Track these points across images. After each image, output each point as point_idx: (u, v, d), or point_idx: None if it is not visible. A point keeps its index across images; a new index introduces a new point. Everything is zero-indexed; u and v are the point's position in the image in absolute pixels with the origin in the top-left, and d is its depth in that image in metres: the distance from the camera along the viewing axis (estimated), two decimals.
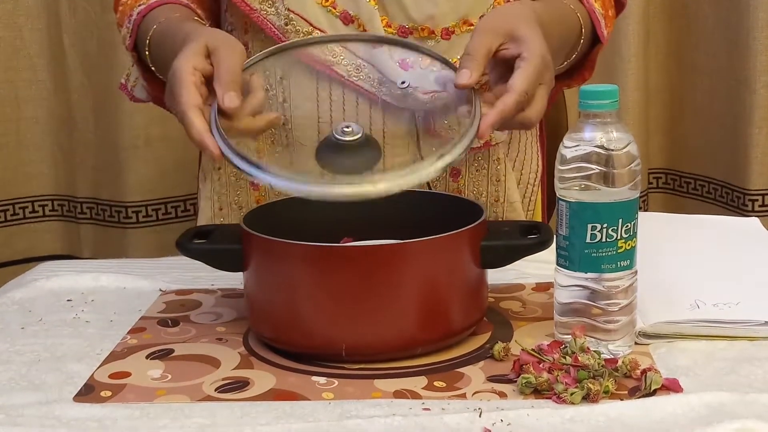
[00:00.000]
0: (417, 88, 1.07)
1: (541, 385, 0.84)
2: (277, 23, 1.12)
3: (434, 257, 0.91)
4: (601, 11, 1.19)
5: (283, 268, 0.92)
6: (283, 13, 1.11)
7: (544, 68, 0.95)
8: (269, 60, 1.12)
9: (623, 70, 1.98)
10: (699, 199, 2.07)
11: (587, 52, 1.20)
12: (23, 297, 1.12)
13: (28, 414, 0.83)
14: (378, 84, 1.12)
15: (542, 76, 0.95)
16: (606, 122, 0.88)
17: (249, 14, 1.12)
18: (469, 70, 0.92)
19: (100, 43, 1.95)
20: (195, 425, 0.80)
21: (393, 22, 1.12)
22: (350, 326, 0.91)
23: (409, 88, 0.96)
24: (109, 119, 1.98)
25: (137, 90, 1.23)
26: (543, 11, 1.04)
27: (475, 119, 0.91)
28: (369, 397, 0.85)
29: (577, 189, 0.89)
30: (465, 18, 1.13)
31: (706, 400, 0.81)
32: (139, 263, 1.26)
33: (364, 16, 1.11)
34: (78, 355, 0.95)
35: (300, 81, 1.14)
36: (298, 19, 1.11)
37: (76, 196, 2.05)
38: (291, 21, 1.11)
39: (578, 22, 1.15)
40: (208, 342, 0.98)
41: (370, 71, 1.11)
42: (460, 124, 0.91)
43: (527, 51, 0.94)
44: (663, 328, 0.94)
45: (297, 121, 1.15)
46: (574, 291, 0.90)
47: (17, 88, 1.99)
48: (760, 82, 1.89)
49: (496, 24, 0.96)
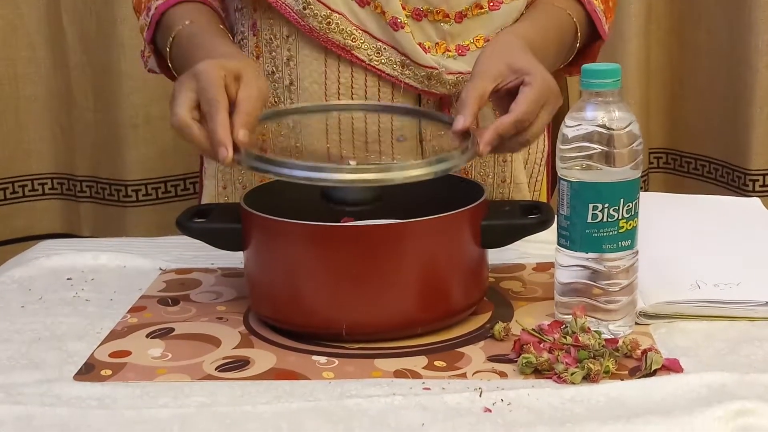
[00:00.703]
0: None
1: (541, 365, 0.84)
2: (295, 8, 1.11)
3: (435, 237, 0.91)
4: (601, 6, 1.20)
5: (284, 248, 0.92)
6: None
7: (547, 91, 0.97)
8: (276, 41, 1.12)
9: (625, 49, 1.98)
10: (700, 179, 2.06)
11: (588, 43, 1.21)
12: (23, 275, 1.12)
13: (28, 393, 0.83)
14: (401, 67, 1.12)
15: (545, 98, 0.97)
16: (608, 101, 0.88)
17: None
18: (463, 116, 0.95)
19: (99, 20, 1.94)
20: (195, 404, 0.81)
21: (408, 5, 1.12)
22: (350, 306, 0.91)
23: (402, 138, 0.99)
24: (109, 97, 1.97)
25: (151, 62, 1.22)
26: (534, 34, 1.07)
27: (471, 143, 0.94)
28: (369, 376, 0.85)
29: (578, 168, 0.88)
30: (477, 2, 1.13)
31: (706, 380, 0.81)
32: (139, 242, 1.26)
33: None
34: (78, 333, 0.95)
35: (307, 63, 1.13)
36: (315, 3, 1.10)
37: (76, 175, 2.05)
38: (309, 5, 1.10)
39: (573, 26, 1.16)
40: (208, 321, 0.98)
41: (391, 54, 1.11)
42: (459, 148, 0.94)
43: (529, 76, 0.97)
44: (664, 308, 0.94)
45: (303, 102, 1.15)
46: (575, 271, 0.90)
47: (16, 66, 1.98)
48: (762, 61, 1.88)
49: (489, 66, 0.98)
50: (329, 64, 1.13)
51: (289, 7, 1.12)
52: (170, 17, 1.13)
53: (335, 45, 1.11)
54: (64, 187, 2.07)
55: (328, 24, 1.11)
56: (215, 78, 0.93)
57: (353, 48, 1.11)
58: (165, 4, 1.14)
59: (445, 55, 1.14)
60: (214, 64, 0.95)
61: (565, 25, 1.16)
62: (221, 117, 0.91)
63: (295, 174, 0.88)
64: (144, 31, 1.16)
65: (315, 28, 1.11)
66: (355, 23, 1.11)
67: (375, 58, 1.12)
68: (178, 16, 1.12)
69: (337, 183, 0.88)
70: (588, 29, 1.20)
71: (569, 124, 0.89)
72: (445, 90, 1.13)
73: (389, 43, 1.12)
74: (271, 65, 1.16)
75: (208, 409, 0.79)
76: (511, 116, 0.95)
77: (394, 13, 1.11)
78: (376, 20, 1.11)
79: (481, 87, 0.96)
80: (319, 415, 0.78)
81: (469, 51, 1.14)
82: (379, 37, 1.12)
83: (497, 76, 0.97)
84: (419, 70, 1.11)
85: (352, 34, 1.11)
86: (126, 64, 1.92)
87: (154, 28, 1.14)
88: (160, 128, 1.98)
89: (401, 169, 0.89)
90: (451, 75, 1.12)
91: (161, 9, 1.13)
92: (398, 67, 1.12)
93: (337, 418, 0.78)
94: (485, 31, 1.15)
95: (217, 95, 0.92)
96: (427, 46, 1.13)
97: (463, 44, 1.14)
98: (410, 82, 1.12)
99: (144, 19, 1.17)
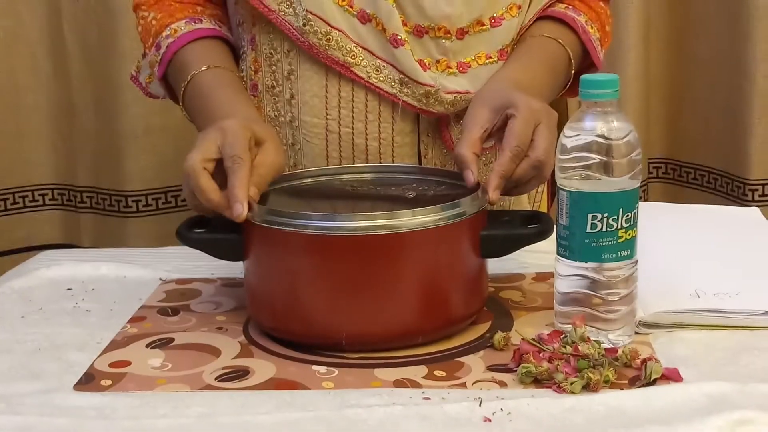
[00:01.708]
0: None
1: (541, 375, 0.84)
2: (295, 24, 1.12)
3: (435, 246, 0.91)
4: (597, 34, 1.20)
5: (283, 257, 0.92)
6: (302, 14, 1.11)
7: (535, 113, 0.99)
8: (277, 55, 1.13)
9: (624, 59, 1.98)
10: (699, 188, 2.07)
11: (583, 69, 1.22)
12: (23, 286, 1.12)
13: (28, 403, 0.83)
14: (399, 85, 1.12)
15: (535, 120, 0.99)
16: (606, 111, 0.88)
17: (267, 15, 1.12)
18: (469, 171, 0.97)
19: (101, 30, 1.94)
20: (195, 414, 0.81)
21: (409, 21, 1.12)
22: (350, 315, 0.91)
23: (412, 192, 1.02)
24: (109, 108, 1.97)
25: (153, 87, 1.25)
26: (520, 74, 1.10)
27: (481, 191, 0.96)
28: (369, 386, 0.85)
29: (577, 178, 0.88)
30: (479, 19, 1.14)
31: (706, 389, 0.81)
32: (139, 252, 1.26)
33: (383, 15, 1.11)
34: (78, 344, 0.95)
35: (308, 77, 1.14)
36: (316, 20, 1.11)
37: (76, 185, 2.05)
38: (309, 21, 1.11)
39: (565, 55, 1.18)
40: (208, 331, 0.98)
41: (390, 72, 1.12)
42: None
43: (511, 108, 0.99)
44: (663, 317, 0.94)
45: (304, 118, 1.15)
46: (575, 281, 0.90)
47: (17, 76, 1.98)
48: (760, 71, 1.88)
49: (473, 116, 1.02)
50: (330, 78, 1.13)
51: (289, 23, 1.12)
52: (184, 56, 1.15)
53: (334, 62, 1.12)
54: (64, 197, 2.07)
55: (328, 41, 1.11)
56: (242, 138, 0.96)
57: (352, 65, 1.12)
58: (177, 44, 1.15)
59: (446, 73, 1.14)
60: (242, 124, 0.98)
61: (555, 55, 1.17)
62: (243, 174, 0.93)
63: (310, 224, 0.89)
64: (154, 66, 1.18)
65: (315, 44, 1.11)
66: (355, 40, 1.11)
67: (374, 75, 1.12)
68: (194, 57, 1.14)
69: (353, 231, 0.89)
70: (583, 56, 1.21)
71: (568, 134, 0.89)
72: (443, 109, 1.13)
73: (388, 61, 1.12)
74: (271, 79, 1.16)
75: (207, 420, 0.79)
76: (505, 153, 0.97)
77: (395, 30, 1.11)
78: (376, 37, 1.12)
79: (471, 138, 1.00)
80: (319, 424, 0.78)
81: (470, 68, 1.15)
82: (378, 54, 1.12)
83: (483, 123, 1.01)
84: (417, 88, 1.12)
85: (351, 51, 1.11)
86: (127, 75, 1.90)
87: (165, 65, 1.16)
88: (160, 139, 1.98)
89: (413, 214, 0.90)
90: (450, 94, 1.13)
91: (173, 49, 1.15)
92: (397, 84, 1.12)
93: (337, 428, 0.78)
94: (487, 48, 1.15)
95: (242, 153, 0.95)
96: (427, 62, 1.13)
97: (464, 61, 1.15)
98: (408, 101, 1.13)
99: (153, 55, 1.18)
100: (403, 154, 1.16)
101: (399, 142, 1.15)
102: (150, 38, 1.19)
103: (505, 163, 0.97)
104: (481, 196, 0.95)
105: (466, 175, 0.97)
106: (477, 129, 1.00)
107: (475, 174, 0.97)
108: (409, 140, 1.15)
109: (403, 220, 0.89)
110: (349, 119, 1.14)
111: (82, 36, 1.96)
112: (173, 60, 1.16)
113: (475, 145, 0.99)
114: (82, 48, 1.97)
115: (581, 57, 1.21)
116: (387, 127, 1.14)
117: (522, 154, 0.97)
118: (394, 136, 1.14)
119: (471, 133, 1.00)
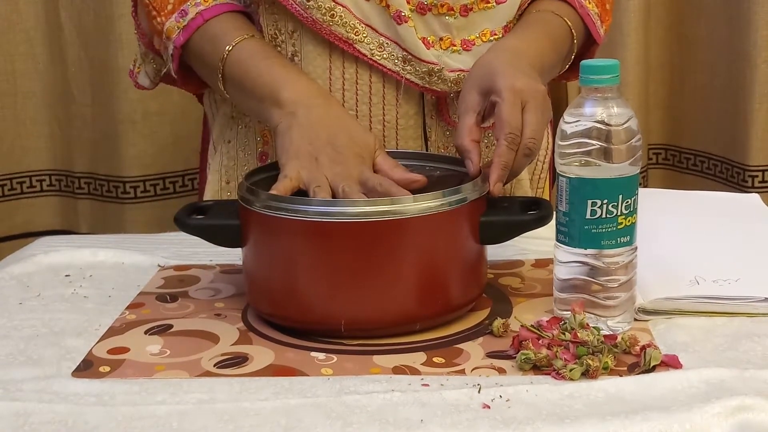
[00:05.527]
0: None
1: (540, 361, 0.84)
2: None
3: (434, 232, 0.91)
4: (596, 10, 1.20)
5: (282, 244, 0.92)
6: None
7: (519, 95, 0.98)
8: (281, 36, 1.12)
9: (623, 44, 1.97)
10: (699, 175, 2.06)
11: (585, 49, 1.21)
12: (21, 272, 1.11)
13: (26, 389, 0.83)
14: (402, 62, 1.12)
15: (522, 99, 0.98)
16: (606, 97, 0.88)
17: None
18: (470, 161, 0.98)
19: (97, 16, 1.94)
20: (193, 400, 0.81)
21: None
22: (349, 302, 0.91)
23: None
24: (107, 93, 1.97)
25: (140, 77, 1.24)
26: (520, 43, 1.09)
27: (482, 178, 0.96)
28: (368, 372, 0.85)
29: (577, 165, 0.88)
30: None
31: (705, 376, 0.81)
32: (137, 238, 1.26)
33: None
34: (76, 330, 0.95)
35: (312, 59, 1.13)
36: None
37: (74, 171, 2.05)
38: None
39: (568, 30, 1.17)
40: (206, 317, 0.98)
41: (393, 49, 1.11)
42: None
43: (494, 94, 0.99)
44: (662, 304, 0.94)
45: None
46: (574, 267, 0.90)
47: (14, 62, 1.98)
48: (761, 56, 1.88)
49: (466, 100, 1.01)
50: (334, 59, 1.13)
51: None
52: (220, 23, 1.12)
53: (338, 38, 1.11)
54: (62, 183, 2.07)
55: (332, 16, 1.10)
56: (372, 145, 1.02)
57: (355, 42, 1.11)
58: (210, 12, 1.12)
59: (450, 50, 1.14)
60: (376, 138, 1.03)
61: (554, 24, 1.16)
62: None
63: (310, 210, 0.89)
64: (173, 34, 1.13)
65: (318, 20, 1.10)
66: (359, 16, 1.11)
67: (377, 52, 1.12)
68: (237, 24, 1.12)
69: (353, 217, 0.89)
70: (584, 33, 1.20)
71: (568, 120, 0.89)
72: (446, 87, 1.13)
73: (392, 38, 1.11)
74: None
75: (206, 406, 0.79)
76: (501, 143, 0.96)
77: (399, 7, 1.10)
78: (380, 14, 1.11)
79: (467, 125, 0.99)
80: (317, 411, 0.78)
81: (474, 45, 1.14)
82: (382, 31, 1.11)
83: (475, 107, 1.00)
84: (420, 65, 1.11)
85: (355, 27, 1.11)
86: (124, 60, 1.92)
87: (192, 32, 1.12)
88: (158, 124, 1.98)
89: (415, 200, 0.90)
90: (453, 72, 1.12)
91: (206, 16, 1.12)
92: (400, 62, 1.12)
93: (335, 415, 0.77)
94: (492, 25, 1.15)
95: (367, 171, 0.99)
96: (431, 40, 1.13)
97: (468, 39, 1.14)
98: (411, 78, 1.12)
99: (175, 21, 1.13)
100: (407, 137, 1.15)
101: (403, 125, 1.14)
102: (168, 5, 1.14)
103: (503, 153, 0.96)
104: (481, 183, 0.95)
105: (467, 166, 0.98)
106: (470, 115, 1.00)
107: (476, 163, 0.97)
108: (413, 122, 1.15)
109: (404, 206, 0.89)
110: (353, 102, 1.13)
111: (79, 22, 1.96)
112: (203, 27, 1.12)
113: (472, 131, 0.99)
114: (79, 34, 1.96)
115: (583, 34, 1.20)
116: (391, 110, 1.14)
117: (517, 138, 0.97)
118: (398, 119, 1.14)
119: (465, 121, 1.00)
